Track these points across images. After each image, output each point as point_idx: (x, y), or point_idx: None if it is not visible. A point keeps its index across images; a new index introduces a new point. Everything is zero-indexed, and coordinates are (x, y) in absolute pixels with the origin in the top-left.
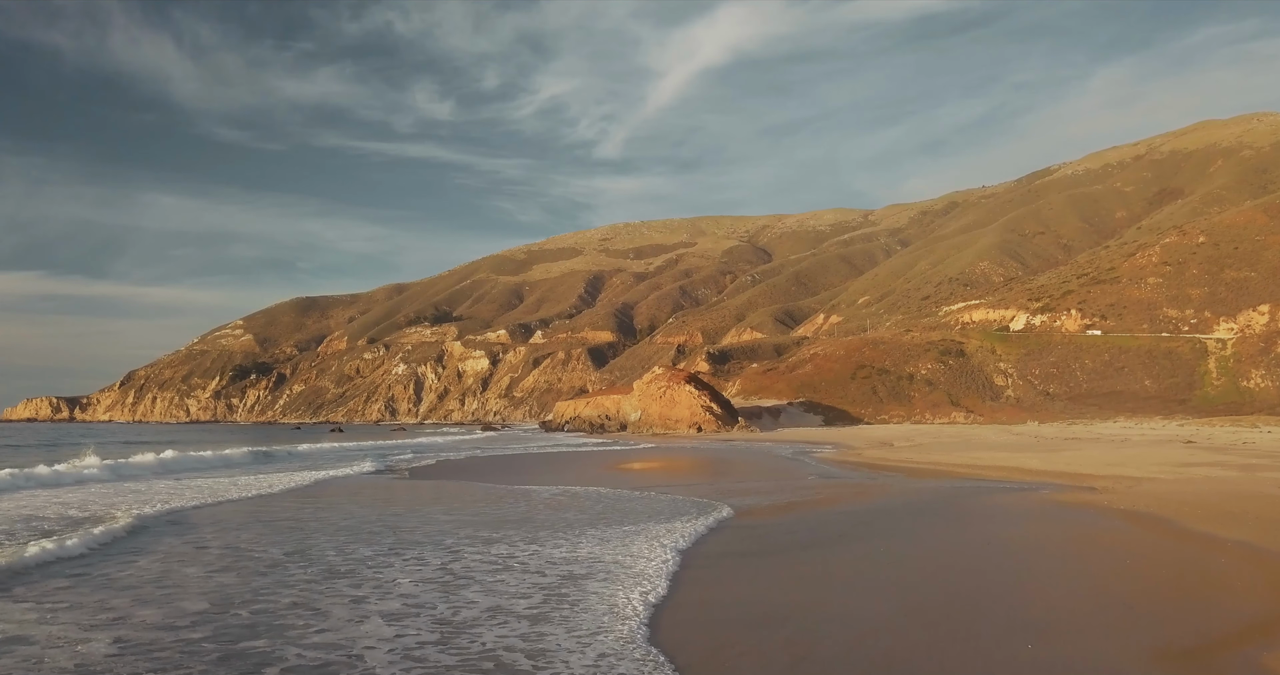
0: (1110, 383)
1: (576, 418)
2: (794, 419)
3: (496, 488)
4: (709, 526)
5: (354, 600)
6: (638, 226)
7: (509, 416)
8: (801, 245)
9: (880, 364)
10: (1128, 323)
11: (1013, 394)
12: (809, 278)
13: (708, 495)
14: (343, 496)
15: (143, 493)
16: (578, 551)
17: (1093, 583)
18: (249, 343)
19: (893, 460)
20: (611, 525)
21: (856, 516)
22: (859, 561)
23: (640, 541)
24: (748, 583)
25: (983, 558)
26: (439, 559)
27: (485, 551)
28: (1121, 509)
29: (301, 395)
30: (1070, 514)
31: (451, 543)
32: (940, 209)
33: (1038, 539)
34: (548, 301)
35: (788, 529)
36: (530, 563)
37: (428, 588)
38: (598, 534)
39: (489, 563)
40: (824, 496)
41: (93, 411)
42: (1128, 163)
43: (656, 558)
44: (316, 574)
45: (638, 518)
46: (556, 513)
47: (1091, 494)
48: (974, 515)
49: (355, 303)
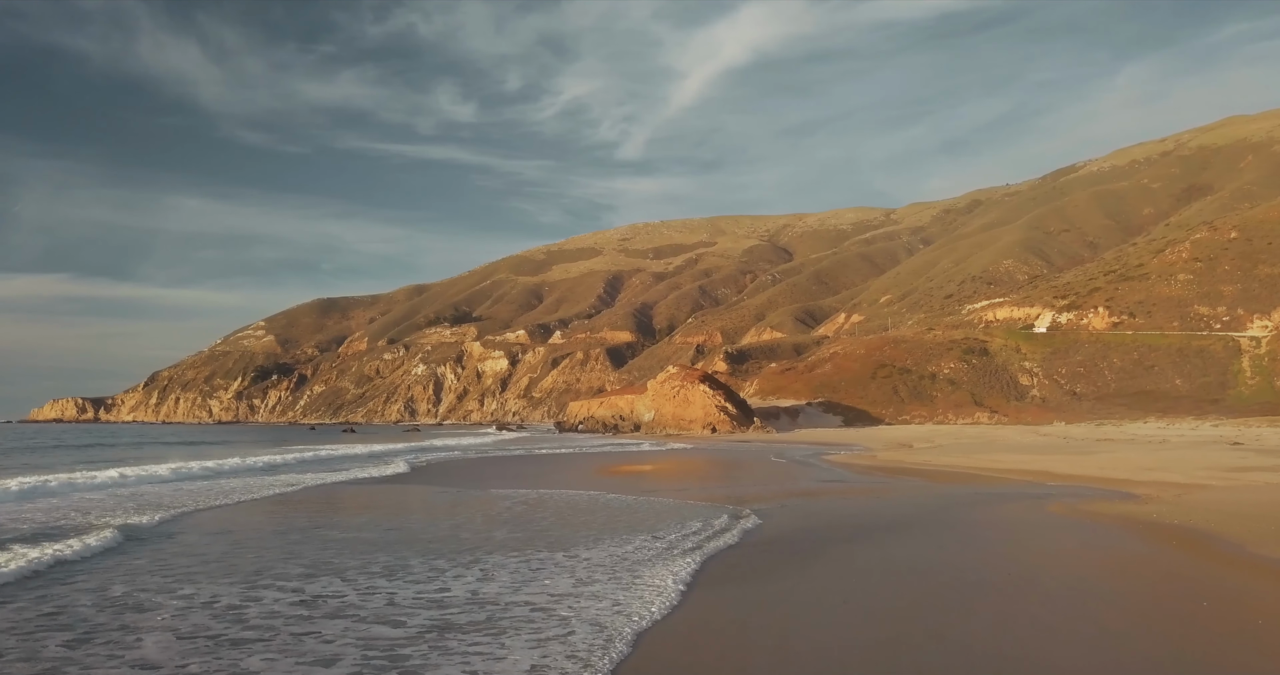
0: (1139, 382)
1: (590, 418)
2: (812, 420)
3: (447, 492)
4: (636, 547)
5: None
6: (657, 226)
7: (528, 417)
8: (822, 244)
9: (902, 363)
10: (1157, 320)
11: (1038, 394)
12: (830, 277)
13: (661, 507)
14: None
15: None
16: (450, 588)
17: (1139, 635)
18: (270, 344)
19: (909, 463)
20: (537, 550)
21: (843, 531)
22: (826, 592)
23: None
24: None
25: (993, 591)
26: (231, 598)
27: (329, 586)
28: (1174, 524)
29: (322, 396)
30: (1105, 529)
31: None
32: (963, 207)
33: (1063, 561)
34: (567, 302)
35: (760, 546)
36: (366, 610)
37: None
38: (503, 561)
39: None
40: (813, 506)
41: (117, 412)
42: (1154, 159)
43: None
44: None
45: (569, 542)
46: (486, 531)
47: (1132, 503)
48: (986, 529)
49: (376, 303)
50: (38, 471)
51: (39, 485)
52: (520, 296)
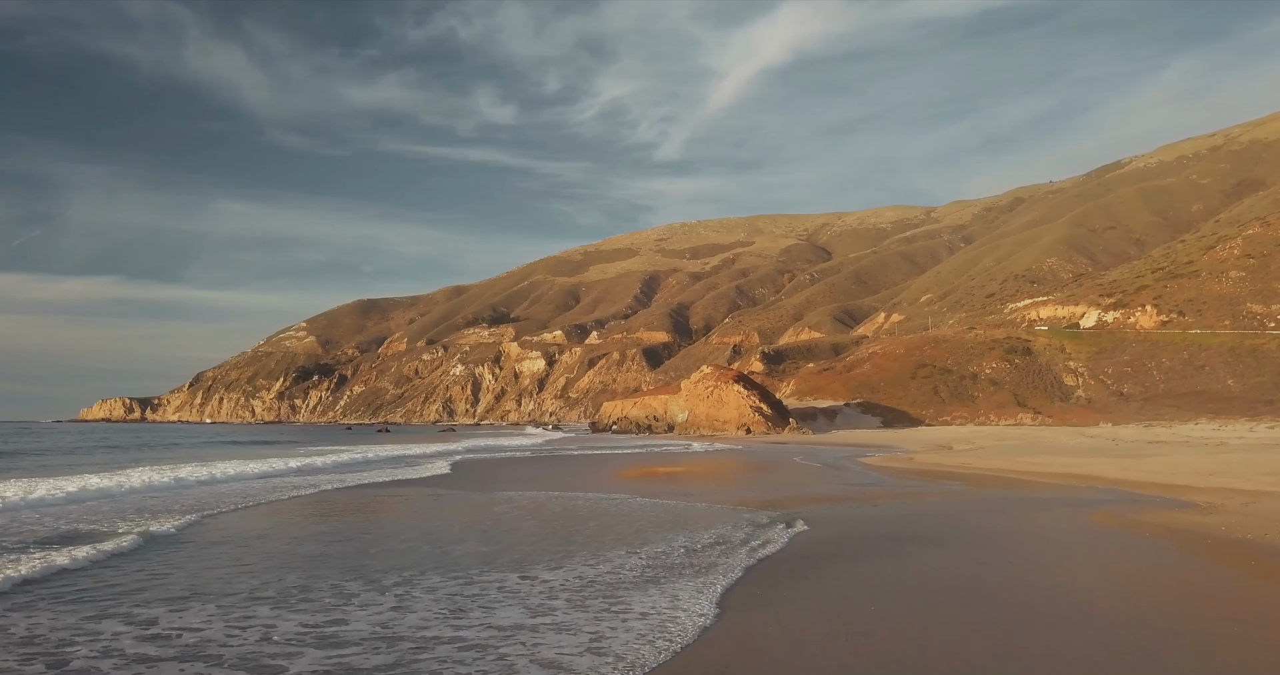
0: (1190, 382)
1: (624, 418)
2: (850, 420)
3: (446, 496)
4: (615, 566)
5: None
6: (694, 226)
7: (564, 417)
8: (861, 243)
9: (942, 363)
10: (1208, 319)
11: (1083, 394)
12: (869, 276)
13: (673, 513)
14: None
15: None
16: (350, 620)
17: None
18: (311, 344)
19: (947, 466)
20: (496, 569)
21: (868, 545)
22: (834, 633)
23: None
24: None
25: (1042, 626)
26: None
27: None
28: (1246, 539)
29: (362, 396)
30: (1166, 545)
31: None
32: (1005, 205)
33: (1121, 585)
34: (603, 302)
35: (776, 563)
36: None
37: None
38: (440, 582)
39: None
40: (837, 515)
41: (163, 412)
42: (1203, 154)
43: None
44: None
45: (536, 558)
46: (449, 544)
47: (1195, 513)
48: (1030, 543)
49: (415, 304)
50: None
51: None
52: (557, 297)
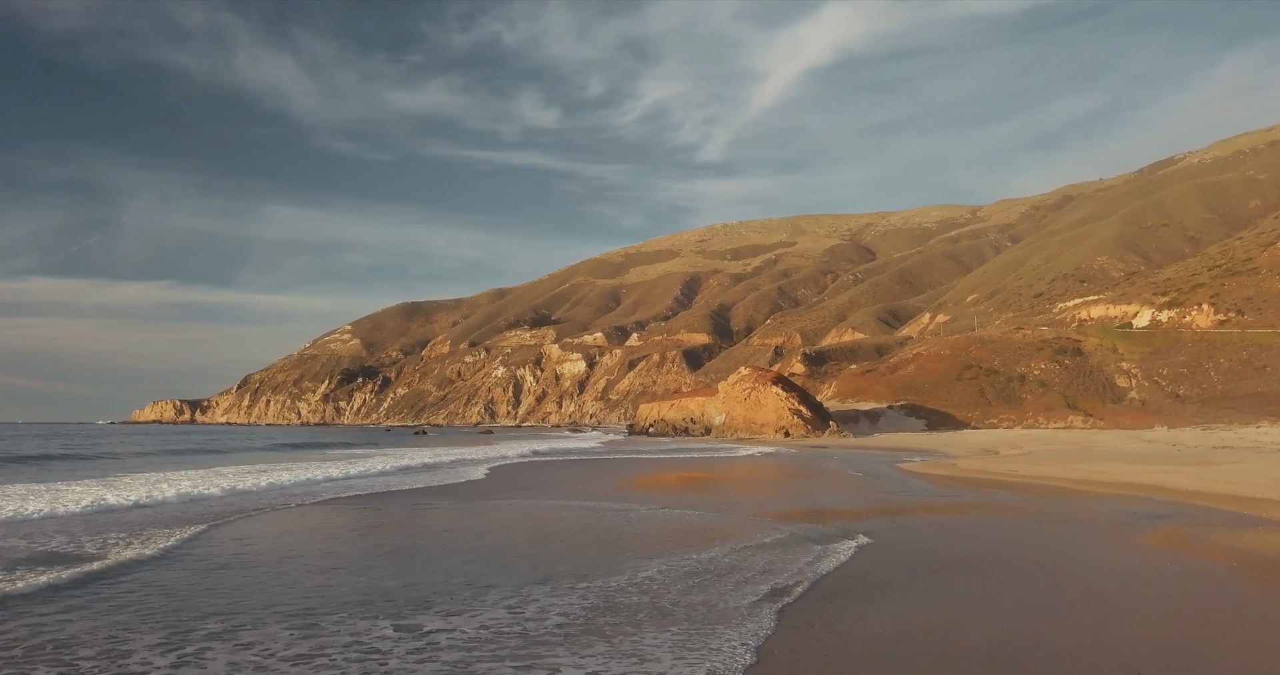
0: (1250, 384)
1: (660, 421)
2: (894, 423)
3: (441, 506)
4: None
5: None
6: (735, 227)
7: (604, 419)
8: (906, 243)
9: (989, 364)
10: (1268, 318)
11: (1137, 396)
12: (914, 276)
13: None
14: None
15: None
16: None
17: None
18: (356, 347)
19: (993, 473)
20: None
21: (899, 575)
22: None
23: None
24: None
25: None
26: None
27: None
28: None
29: (405, 398)
30: (1267, 579)
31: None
32: (1053, 203)
33: (1212, 633)
34: (644, 304)
35: None
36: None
37: None
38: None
39: None
40: (858, 531)
41: (212, 414)
42: (1261, 149)
43: None
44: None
45: (444, 590)
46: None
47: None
48: (1089, 574)
49: (458, 307)
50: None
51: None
52: (598, 299)
